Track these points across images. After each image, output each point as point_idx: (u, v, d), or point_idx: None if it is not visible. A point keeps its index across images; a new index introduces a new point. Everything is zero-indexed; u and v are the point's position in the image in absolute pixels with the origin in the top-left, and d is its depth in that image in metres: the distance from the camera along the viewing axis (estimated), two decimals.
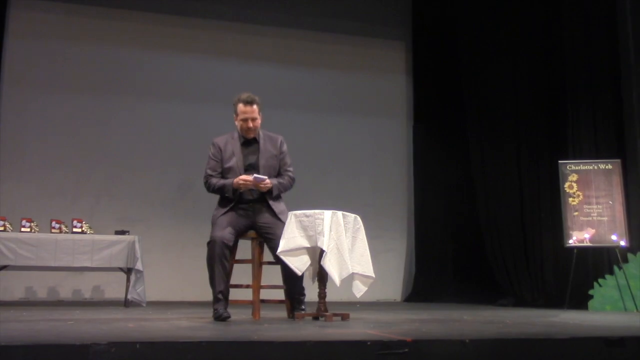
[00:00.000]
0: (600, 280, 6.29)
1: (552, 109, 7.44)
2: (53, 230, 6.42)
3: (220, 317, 4.01)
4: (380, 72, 9.44)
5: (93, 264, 6.35)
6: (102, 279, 7.60)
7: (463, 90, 8.57)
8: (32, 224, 6.40)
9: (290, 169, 4.51)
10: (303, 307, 4.39)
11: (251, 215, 4.31)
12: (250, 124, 4.35)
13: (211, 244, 4.14)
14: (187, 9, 8.62)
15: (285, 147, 4.52)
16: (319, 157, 8.65)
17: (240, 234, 4.29)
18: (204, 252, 7.81)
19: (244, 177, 4.25)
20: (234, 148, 4.38)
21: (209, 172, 4.37)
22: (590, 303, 6.20)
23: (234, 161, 4.35)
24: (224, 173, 4.36)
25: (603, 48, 6.98)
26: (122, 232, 6.63)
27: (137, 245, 6.43)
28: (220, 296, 4.11)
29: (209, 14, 8.69)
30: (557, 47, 7.38)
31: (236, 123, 4.43)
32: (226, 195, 4.29)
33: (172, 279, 7.85)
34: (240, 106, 4.38)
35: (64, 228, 6.47)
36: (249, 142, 4.42)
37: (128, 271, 6.44)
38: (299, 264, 4.09)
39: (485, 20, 8.15)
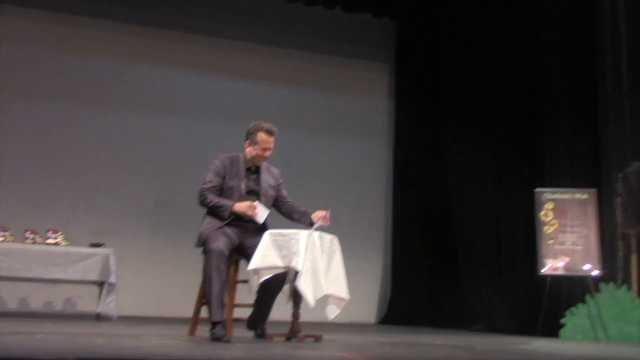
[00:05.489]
0: (572, 309, 6.34)
1: (531, 138, 7.54)
2: (27, 241, 6.33)
3: (218, 339, 3.85)
4: (364, 94, 9.51)
5: (67, 276, 6.25)
6: (75, 292, 7.50)
7: (444, 116, 8.66)
8: (6, 233, 6.31)
9: (290, 199, 4.60)
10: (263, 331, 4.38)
11: (240, 234, 4.29)
12: (267, 154, 4.42)
13: (208, 254, 4.08)
14: (172, 23, 8.61)
15: (282, 179, 4.61)
16: (298, 176, 8.60)
17: (231, 249, 4.27)
18: (179, 267, 7.84)
19: (249, 203, 4.24)
20: (239, 170, 4.40)
21: (210, 184, 4.32)
22: (562, 331, 6.24)
23: (237, 182, 4.35)
24: (224, 191, 4.35)
25: (581, 78, 7.12)
26: (97, 245, 6.56)
27: (111, 259, 6.36)
28: (218, 307, 3.97)
29: (194, 29, 8.69)
30: (537, 77, 7.50)
31: (249, 148, 4.43)
32: (220, 214, 4.25)
33: (145, 293, 7.77)
34: (263, 135, 4.39)
35: (38, 239, 6.39)
36: (251, 169, 4.47)
37: (101, 284, 6.36)
38: (255, 284, 4.09)
39: (469, 47, 8.26)
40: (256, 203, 4.27)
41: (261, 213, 4.27)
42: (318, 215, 4.33)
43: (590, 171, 6.95)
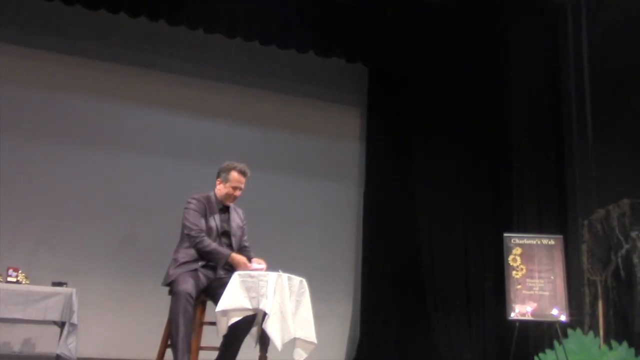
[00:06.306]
0: (540, 354, 6.35)
1: (500, 183, 7.66)
2: None
3: None
4: (335, 136, 9.54)
5: (26, 316, 6.05)
6: (34, 332, 7.24)
7: (414, 160, 8.76)
8: None
9: (247, 243, 4.65)
10: None
11: (208, 275, 4.25)
12: (238, 193, 4.50)
13: (176, 296, 4.04)
14: (142, 61, 8.53)
15: (246, 221, 4.69)
16: (268, 217, 8.56)
17: (199, 291, 4.21)
18: (143, 307, 7.64)
19: (245, 261, 4.25)
20: (213, 210, 4.44)
21: (200, 226, 4.30)
22: None
23: (213, 222, 4.38)
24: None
25: (548, 127, 7.30)
26: (60, 284, 6.39)
27: (74, 298, 6.18)
28: (185, 351, 3.94)
29: (165, 68, 8.61)
30: (505, 123, 7.67)
31: (220, 186, 4.51)
32: (215, 260, 4.24)
33: (108, 334, 7.55)
34: (235, 175, 4.49)
35: None
36: (221, 209, 4.51)
37: (62, 325, 6.17)
38: (224, 326, 4.02)
39: (438, 94, 8.43)
40: (253, 264, 4.27)
41: (256, 267, 4.25)
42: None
43: (556, 217, 7.06)
